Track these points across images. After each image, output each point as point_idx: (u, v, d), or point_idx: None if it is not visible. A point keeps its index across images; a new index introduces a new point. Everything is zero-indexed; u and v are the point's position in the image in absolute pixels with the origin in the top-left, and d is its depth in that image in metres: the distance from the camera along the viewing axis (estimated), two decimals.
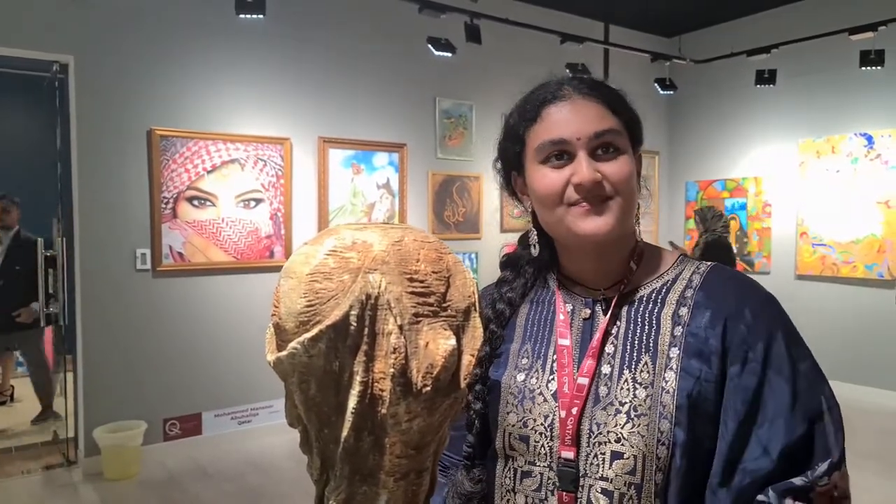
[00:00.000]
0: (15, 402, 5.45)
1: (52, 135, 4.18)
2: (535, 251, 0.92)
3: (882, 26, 4.70)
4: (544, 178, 0.83)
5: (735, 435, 0.75)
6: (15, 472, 3.94)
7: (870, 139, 5.34)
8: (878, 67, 4.93)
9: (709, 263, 0.88)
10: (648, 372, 0.80)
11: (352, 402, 0.58)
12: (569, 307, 0.90)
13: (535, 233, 0.92)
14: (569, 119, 0.82)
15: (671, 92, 6.09)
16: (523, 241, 0.97)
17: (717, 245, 4.84)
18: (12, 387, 5.49)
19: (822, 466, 0.73)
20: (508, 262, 0.98)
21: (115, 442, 3.80)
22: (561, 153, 0.82)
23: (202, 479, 3.83)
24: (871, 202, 5.32)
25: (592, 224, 0.81)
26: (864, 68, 4.98)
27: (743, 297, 0.81)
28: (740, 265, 6.16)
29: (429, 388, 0.58)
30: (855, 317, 5.41)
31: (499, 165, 0.93)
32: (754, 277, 0.87)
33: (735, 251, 5.30)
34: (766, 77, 5.55)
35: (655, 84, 6.02)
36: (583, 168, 0.80)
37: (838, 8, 5.35)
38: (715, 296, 0.82)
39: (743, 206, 6.24)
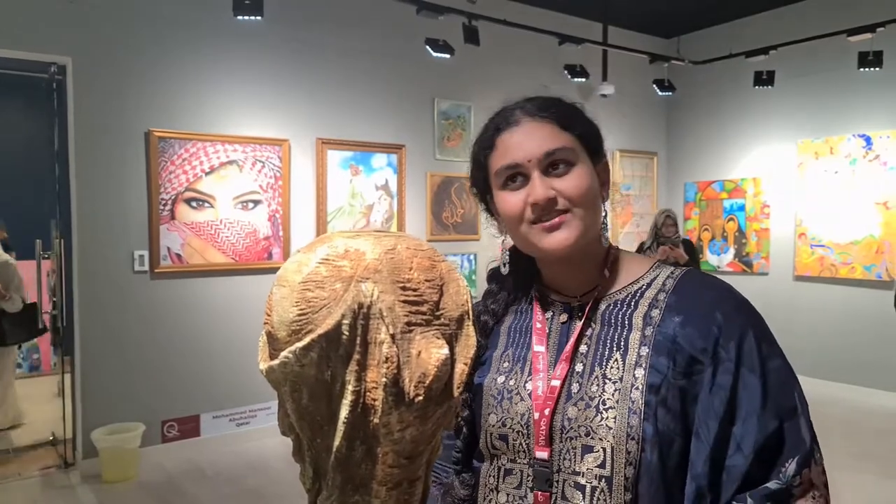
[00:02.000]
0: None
1: (50, 136, 4.18)
2: (504, 270, 0.96)
3: (880, 27, 4.71)
4: (505, 201, 0.88)
5: (716, 435, 0.76)
6: (12, 474, 3.94)
7: (868, 140, 5.34)
8: (877, 69, 4.94)
9: (683, 268, 0.91)
10: (618, 368, 0.83)
11: (344, 412, 0.58)
12: (547, 315, 0.93)
13: (508, 253, 0.97)
14: (520, 143, 0.86)
15: (670, 93, 6.10)
16: (503, 259, 1.02)
17: (690, 243, 5.48)
18: None
19: (793, 465, 0.75)
20: (494, 276, 1.02)
21: (114, 444, 3.80)
22: (515, 175, 0.86)
23: (200, 481, 3.83)
24: (869, 203, 5.33)
25: (553, 240, 0.84)
26: (862, 69, 4.98)
27: (715, 301, 0.83)
28: (738, 265, 6.17)
29: (421, 398, 0.58)
30: (853, 318, 5.41)
31: (475, 191, 0.98)
32: (753, 279, 0.89)
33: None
34: (764, 78, 5.55)
35: (654, 85, 6.03)
36: (536, 187, 0.84)
37: (837, 9, 5.35)
38: (687, 299, 0.84)
39: (741, 207, 6.24)
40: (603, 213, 0.90)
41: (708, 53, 6.14)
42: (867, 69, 4.96)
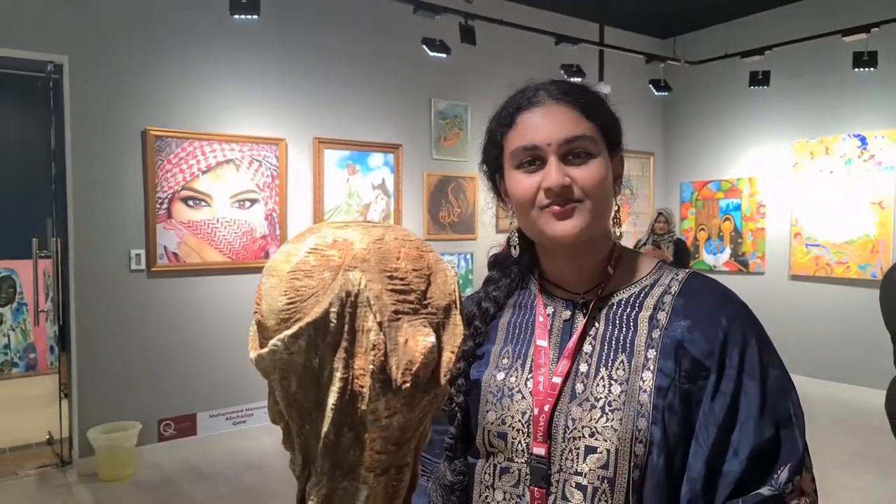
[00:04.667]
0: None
1: (47, 135, 4.18)
2: (514, 252, 0.95)
3: (875, 28, 4.73)
4: (518, 183, 0.86)
5: (716, 439, 0.77)
6: (9, 472, 3.94)
7: (863, 140, 5.36)
8: (871, 69, 4.95)
9: (686, 270, 0.90)
10: (624, 369, 0.82)
11: (332, 399, 0.58)
12: (549, 310, 0.92)
13: (517, 234, 0.95)
14: (541, 125, 0.84)
15: (666, 93, 6.11)
16: (510, 240, 0.99)
17: (681, 243, 5.67)
18: None
19: (785, 472, 0.76)
20: (495, 263, 1.01)
21: (110, 443, 3.80)
22: (533, 158, 0.84)
23: (197, 480, 3.83)
24: (864, 203, 5.35)
25: (562, 227, 0.83)
26: (857, 69, 5.00)
27: (720, 305, 0.84)
28: (734, 265, 6.19)
29: (408, 385, 0.59)
30: (848, 317, 5.43)
31: (484, 168, 0.95)
32: (749, 278, 0.90)
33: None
34: (760, 78, 5.57)
35: (650, 85, 6.04)
36: (552, 173, 0.82)
37: (832, 10, 5.37)
38: (693, 303, 0.84)
39: (737, 207, 6.26)
40: (615, 208, 0.89)
41: (704, 54, 6.16)
42: (862, 69, 4.97)
